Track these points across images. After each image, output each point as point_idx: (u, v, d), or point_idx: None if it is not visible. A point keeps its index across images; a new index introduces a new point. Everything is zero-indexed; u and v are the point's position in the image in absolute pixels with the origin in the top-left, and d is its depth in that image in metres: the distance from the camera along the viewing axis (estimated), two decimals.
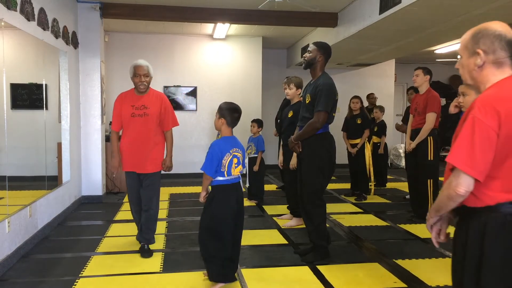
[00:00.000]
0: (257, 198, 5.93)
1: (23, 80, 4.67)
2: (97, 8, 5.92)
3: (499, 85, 1.57)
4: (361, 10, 5.46)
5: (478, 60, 1.58)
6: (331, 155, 3.62)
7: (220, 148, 2.97)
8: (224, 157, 2.96)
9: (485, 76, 1.60)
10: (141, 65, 3.75)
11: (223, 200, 3.01)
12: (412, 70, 5.03)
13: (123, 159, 3.85)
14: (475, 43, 1.59)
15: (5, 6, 3.55)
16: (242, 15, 6.29)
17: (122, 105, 3.79)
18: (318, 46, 3.63)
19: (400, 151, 9.77)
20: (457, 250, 1.66)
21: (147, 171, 3.78)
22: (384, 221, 5.00)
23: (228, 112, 3.04)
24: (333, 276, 3.30)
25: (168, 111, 3.85)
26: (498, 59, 1.56)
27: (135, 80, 3.75)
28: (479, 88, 1.64)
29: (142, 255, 3.74)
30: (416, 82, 4.89)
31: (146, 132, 3.75)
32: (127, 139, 3.80)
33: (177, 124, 3.96)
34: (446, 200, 1.58)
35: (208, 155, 2.98)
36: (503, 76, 1.58)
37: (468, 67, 1.63)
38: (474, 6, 4.24)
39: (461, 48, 1.66)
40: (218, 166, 2.96)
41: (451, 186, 1.54)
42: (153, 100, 3.79)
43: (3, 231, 3.41)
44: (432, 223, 1.76)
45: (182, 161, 8.17)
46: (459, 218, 1.70)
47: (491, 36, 1.56)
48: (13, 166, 3.87)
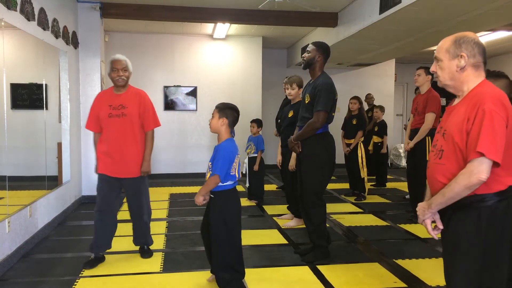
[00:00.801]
0: (257, 198, 5.93)
1: (23, 80, 4.67)
2: (97, 8, 5.93)
3: (489, 85, 1.79)
4: (361, 10, 5.46)
5: (462, 62, 1.79)
6: (330, 155, 3.62)
7: (232, 151, 2.88)
8: (235, 160, 2.90)
9: (466, 77, 1.81)
10: (119, 59, 3.50)
11: (234, 204, 2.95)
12: (412, 70, 5.03)
13: (99, 162, 3.53)
14: (457, 48, 1.80)
15: (5, 6, 3.55)
16: (242, 15, 6.29)
17: (100, 105, 3.51)
18: (317, 46, 3.63)
19: (400, 151, 9.77)
20: (461, 240, 1.75)
21: (126, 175, 3.51)
22: (384, 221, 5.00)
23: (230, 111, 2.95)
24: (333, 276, 3.30)
25: (149, 110, 3.58)
26: (477, 62, 1.80)
27: (113, 75, 3.47)
28: (459, 87, 1.84)
29: (143, 256, 3.72)
30: (417, 81, 4.88)
31: (125, 134, 3.46)
32: (105, 140, 3.49)
33: (159, 124, 3.68)
34: (463, 190, 1.69)
35: (222, 158, 2.82)
36: (481, 77, 1.82)
37: (449, 69, 1.83)
38: (474, 6, 4.24)
39: (441, 52, 1.86)
40: (228, 169, 2.85)
41: (472, 174, 1.66)
42: (131, 99, 3.52)
43: (3, 231, 3.42)
44: (429, 217, 1.86)
45: (182, 161, 8.18)
46: (451, 210, 1.79)
47: (471, 42, 1.80)
48: (13, 166, 3.87)
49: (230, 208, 2.92)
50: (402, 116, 11.14)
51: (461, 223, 1.76)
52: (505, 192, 1.73)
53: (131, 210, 3.70)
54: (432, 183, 1.90)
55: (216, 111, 2.96)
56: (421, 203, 1.92)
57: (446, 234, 1.84)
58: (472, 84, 1.81)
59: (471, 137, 1.69)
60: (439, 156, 1.83)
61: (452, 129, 1.77)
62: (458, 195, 1.71)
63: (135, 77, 7.93)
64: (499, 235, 1.71)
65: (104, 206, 3.55)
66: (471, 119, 1.70)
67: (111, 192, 3.56)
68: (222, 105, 2.99)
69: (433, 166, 1.87)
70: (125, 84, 3.55)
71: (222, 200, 2.90)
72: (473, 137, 1.68)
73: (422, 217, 1.88)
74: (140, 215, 3.67)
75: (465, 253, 1.74)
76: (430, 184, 1.92)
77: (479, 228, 1.71)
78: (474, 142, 1.67)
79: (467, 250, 1.73)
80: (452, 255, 1.80)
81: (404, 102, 11.14)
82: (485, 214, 1.71)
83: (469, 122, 1.70)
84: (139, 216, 3.68)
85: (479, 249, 1.71)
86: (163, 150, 8.14)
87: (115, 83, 3.52)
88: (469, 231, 1.73)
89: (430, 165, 1.91)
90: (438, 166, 1.83)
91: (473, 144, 1.68)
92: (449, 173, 1.77)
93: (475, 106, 1.70)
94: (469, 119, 1.71)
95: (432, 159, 1.89)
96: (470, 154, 1.68)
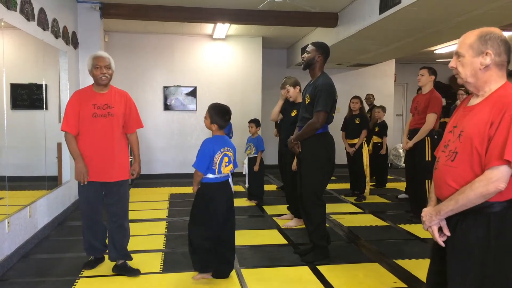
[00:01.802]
0: (257, 198, 5.93)
1: (23, 80, 4.67)
2: (97, 8, 5.93)
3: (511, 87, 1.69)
4: (361, 10, 5.46)
5: (487, 59, 1.67)
6: (330, 155, 3.62)
7: (211, 146, 3.06)
8: (216, 155, 3.04)
9: (489, 76, 1.70)
10: (101, 56, 3.27)
11: (213, 197, 3.10)
12: (412, 70, 5.04)
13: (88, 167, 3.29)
14: (482, 44, 1.68)
15: (5, 6, 3.55)
16: (242, 15, 6.29)
17: (81, 104, 3.23)
18: (316, 46, 3.63)
19: (400, 151, 9.77)
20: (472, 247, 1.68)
21: (113, 179, 3.29)
22: (384, 221, 5.00)
23: (214, 111, 3.12)
24: (333, 276, 3.30)
25: (133, 111, 3.41)
26: (502, 61, 1.69)
27: (95, 72, 3.22)
28: (481, 86, 1.72)
29: (128, 274, 3.32)
30: (420, 81, 4.86)
31: (111, 135, 3.25)
32: (88, 142, 3.23)
33: (142, 126, 3.50)
34: (478, 198, 1.62)
35: (200, 152, 3.06)
36: (505, 77, 1.70)
37: (472, 65, 1.70)
38: (474, 6, 4.24)
39: (464, 47, 1.72)
40: (210, 163, 3.04)
41: (490, 182, 1.59)
42: (117, 99, 3.32)
43: (3, 231, 3.41)
44: (436, 223, 1.77)
45: (182, 161, 8.17)
46: (459, 215, 1.71)
47: (498, 39, 1.67)
48: (13, 166, 3.87)
49: (209, 198, 3.10)
50: (402, 116, 11.13)
51: (471, 230, 1.68)
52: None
53: (113, 216, 3.35)
54: (440, 186, 1.79)
55: (207, 112, 3.17)
56: (427, 209, 1.83)
57: (453, 240, 1.75)
58: (495, 84, 1.70)
59: (494, 143, 1.59)
60: (452, 158, 1.73)
61: (472, 131, 1.67)
62: (471, 202, 1.64)
63: (135, 77, 8.01)
64: (509, 241, 1.65)
65: (92, 215, 3.35)
66: (495, 123, 1.60)
67: (97, 199, 3.34)
68: (211, 107, 3.17)
69: (443, 169, 1.77)
70: (107, 83, 3.30)
71: (202, 190, 3.14)
72: (497, 143, 1.58)
73: (429, 223, 1.78)
74: (122, 222, 3.38)
75: (477, 260, 1.66)
76: (438, 187, 1.82)
77: (489, 235, 1.65)
78: (498, 148, 1.58)
79: (479, 257, 1.66)
80: (461, 261, 1.71)
81: (404, 102, 11.14)
82: (495, 221, 1.64)
83: (493, 127, 1.60)
84: (121, 223, 3.37)
85: (490, 255, 1.65)
86: (163, 150, 8.14)
87: (98, 81, 3.25)
88: (479, 237, 1.66)
89: (439, 167, 1.80)
90: (449, 169, 1.73)
91: (495, 151, 1.58)
92: (461, 178, 1.69)
93: (501, 111, 1.60)
94: (493, 124, 1.61)
95: (443, 161, 1.78)
96: (491, 161, 1.59)
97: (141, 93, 8.01)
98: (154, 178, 7.99)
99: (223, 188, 3.15)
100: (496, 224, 1.64)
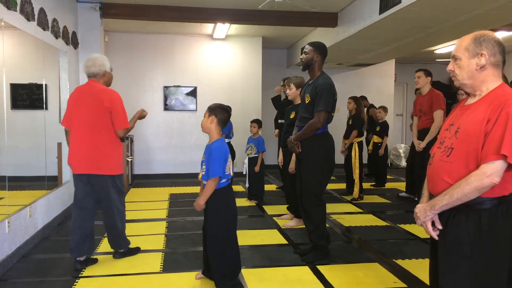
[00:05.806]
0: (257, 198, 5.93)
1: (23, 80, 4.67)
2: (97, 8, 5.93)
3: (508, 87, 1.75)
4: (361, 10, 5.46)
5: (482, 60, 1.74)
6: (330, 155, 3.62)
7: (227, 151, 2.95)
8: (228, 159, 2.95)
9: (486, 76, 1.76)
10: None
11: (229, 201, 2.99)
12: (412, 70, 5.05)
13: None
14: (477, 46, 1.75)
15: (5, 6, 3.55)
16: (242, 15, 6.29)
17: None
18: (314, 46, 3.64)
19: (400, 151, 9.77)
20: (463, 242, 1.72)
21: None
22: (384, 221, 5.00)
23: (220, 110, 3.01)
24: (333, 276, 3.30)
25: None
26: (497, 61, 1.76)
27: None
28: (478, 87, 1.79)
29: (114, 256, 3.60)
30: (418, 83, 4.92)
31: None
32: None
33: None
34: (473, 192, 1.66)
35: (216, 159, 2.85)
36: (500, 77, 1.78)
37: (469, 67, 1.77)
38: (474, 6, 4.24)
39: (460, 50, 1.80)
40: (224, 169, 2.89)
41: (485, 176, 1.63)
42: None
43: (3, 231, 3.41)
44: (430, 218, 1.81)
45: (182, 161, 8.18)
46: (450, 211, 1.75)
47: (492, 40, 1.75)
48: (13, 166, 3.87)
49: (227, 204, 2.97)
50: (402, 116, 11.13)
51: (462, 225, 1.73)
52: (505, 197, 1.71)
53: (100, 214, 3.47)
54: (434, 181, 1.83)
55: (207, 110, 3.06)
56: (421, 205, 1.87)
57: (444, 235, 1.79)
58: (492, 84, 1.76)
59: (491, 139, 1.64)
60: (447, 154, 1.77)
61: (469, 127, 1.72)
62: (466, 196, 1.67)
63: (135, 77, 8.02)
64: (499, 237, 1.70)
65: (84, 203, 3.42)
66: (491, 120, 1.65)
67: (86, 191, 3.40)
68: (213, 105, 3.09)
69: (438, 164, 1.81)
70: None
71: (218, 197, 2.92)
72: (493, 139, 1.63)
73: (423, 218, 1.82)
74: (113, 221, 3.48)
75: (468, 255, 1.71)
76: (432, 182, 1.85)
77: (480, 230, 1.69)
78: (494, 144, 1.62)
79: (469, 252, 1.70)
80: (452, 256, 1.76)
81: (404, 102, 11.14)
82: (486, 217, 1.69)
83: (489, 124, 1.65)
84: (112, 221, 3.48)
85: (481, 251, 1.69)
86: (163, 150, 8.15)
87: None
88: (470, 233, 1.70)
89: (434, 163, 1.85)
90: (444, 164, 1.78)
91: (492, 146, 1.63)
92: (455, 173, 1.73)
93: (497, 108, 1.65)
94: (490, 121, 1.65)
95: (438, 156, 1.83)
96: (488, 156, 1.63)
97: (141, 93, 8.02)
98: (154, 178, 7.99)
99: (231, 189, 3.06)
100: (486, 220, 1.69)
